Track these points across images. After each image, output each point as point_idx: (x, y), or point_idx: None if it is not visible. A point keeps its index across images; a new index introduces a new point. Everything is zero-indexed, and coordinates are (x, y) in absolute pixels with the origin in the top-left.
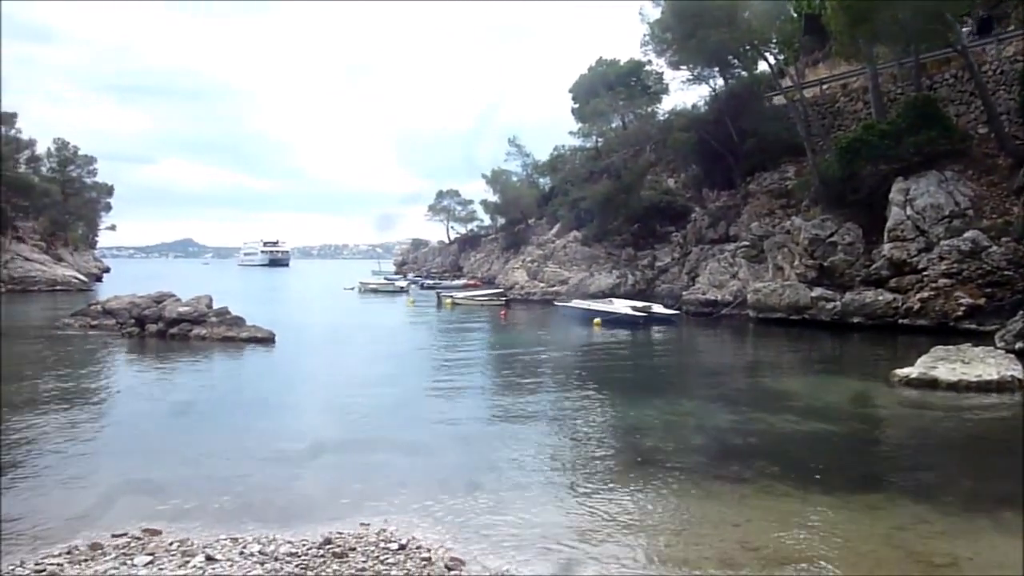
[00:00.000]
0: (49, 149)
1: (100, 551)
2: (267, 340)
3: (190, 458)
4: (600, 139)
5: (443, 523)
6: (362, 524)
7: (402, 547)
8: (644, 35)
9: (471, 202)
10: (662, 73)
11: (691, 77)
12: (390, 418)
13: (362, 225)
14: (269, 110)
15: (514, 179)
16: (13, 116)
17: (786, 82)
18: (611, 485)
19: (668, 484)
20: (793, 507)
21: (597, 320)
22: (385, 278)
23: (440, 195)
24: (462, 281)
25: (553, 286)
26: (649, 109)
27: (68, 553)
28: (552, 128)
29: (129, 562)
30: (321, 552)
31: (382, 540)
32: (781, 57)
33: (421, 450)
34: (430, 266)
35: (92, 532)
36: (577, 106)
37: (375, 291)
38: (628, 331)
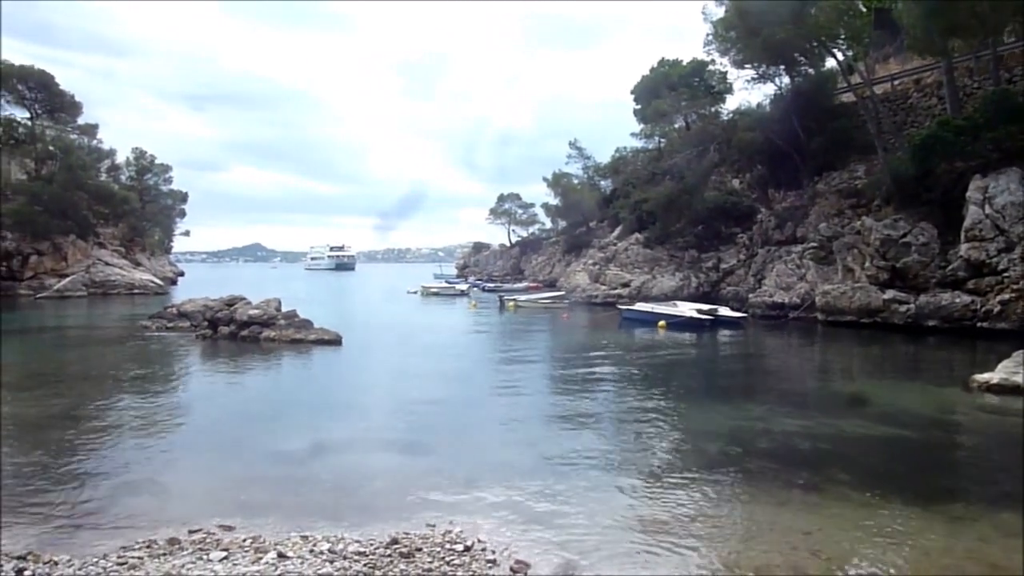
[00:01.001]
0: (128, 158)
1: (178, 545)
2: (334, 342)
3: (261, 457)
4: (662, 140)
5: (508, 525)
6: (428, 525)
7: (467, 548)
8: (707, 34)
9: (532, 205)
10: (726, 72)
11: (756, 76)
12: (455, 419)
13: (424, 229)
14: (334, 116)
15: (575, 182)
16: (95, 127)
17: (855, 79)
18: (677, 490)
19: (736, 489)
20: (867, 516)
21: (662, 323)
22: (446, 281)
23: (501, 199)
24: (523, 284)
25: (615, 289)
26: (712, 109)
27: (148, 547)
28: (613, 130)
29: (205, 557)
30: (388, 552)
31: (448, 541)
32: (850, 53)
33: (486, 451)
34: (491, 269)
35: (169, 527)
36: (639, 107)
37: (436, 294)
38: (693, 334)
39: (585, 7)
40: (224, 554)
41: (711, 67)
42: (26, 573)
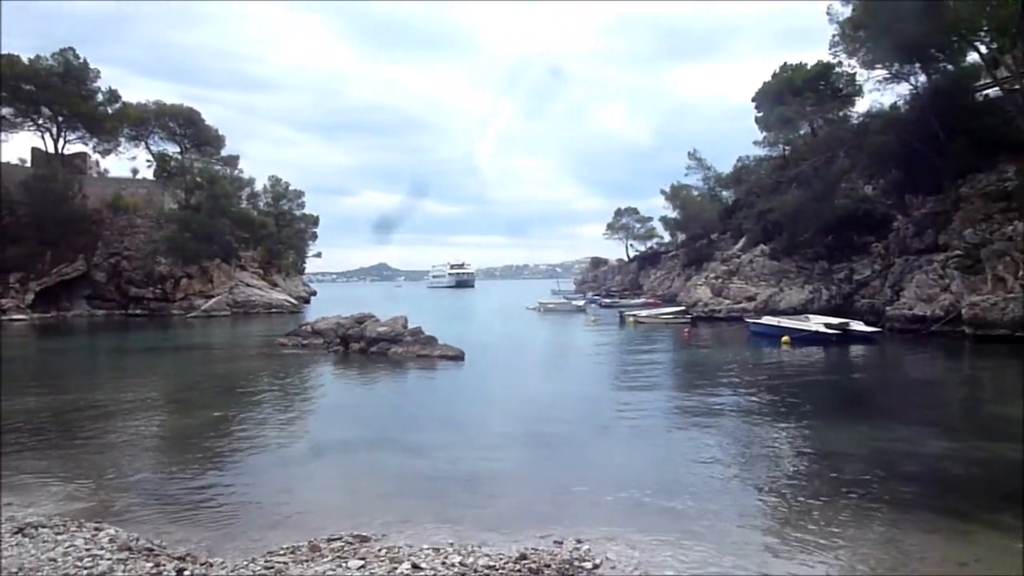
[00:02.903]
0: (265, 185)
1: (319, 552)
2: (457, 357)
3: (392, 469)
4: (787, 147)
5: (636, 545)
6: (556, 541)
7: (596, 567)
8: (833, 35)
9: (650, 219)
10: (854, 74)
11: (888, 76)
12: (578, 436)
13: (542, 246)
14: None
15: (695, 193)
16: (236, 158)
17: (1001, 72)
18: (813, 513)
19: (878, 515)
20: None
21: (786, 338)
22: (564, 297)
23: (618, 213)
24: (642, 299)
25: (739, 303)
26: (841, 113)
27: (291, 552)
28: (734, 140)
29: (344, 565)
30: (517, 567)
31: (576, 559)
32: (994, 46)
33: (611, 468)
34: (609, 284)
35: (308, 534)
36: (761, 115)
37: (553, 310)
38: (821, 349)
39: (702, 17)
40: (361, 563)
41: (838, 69)
42: (185, 572)
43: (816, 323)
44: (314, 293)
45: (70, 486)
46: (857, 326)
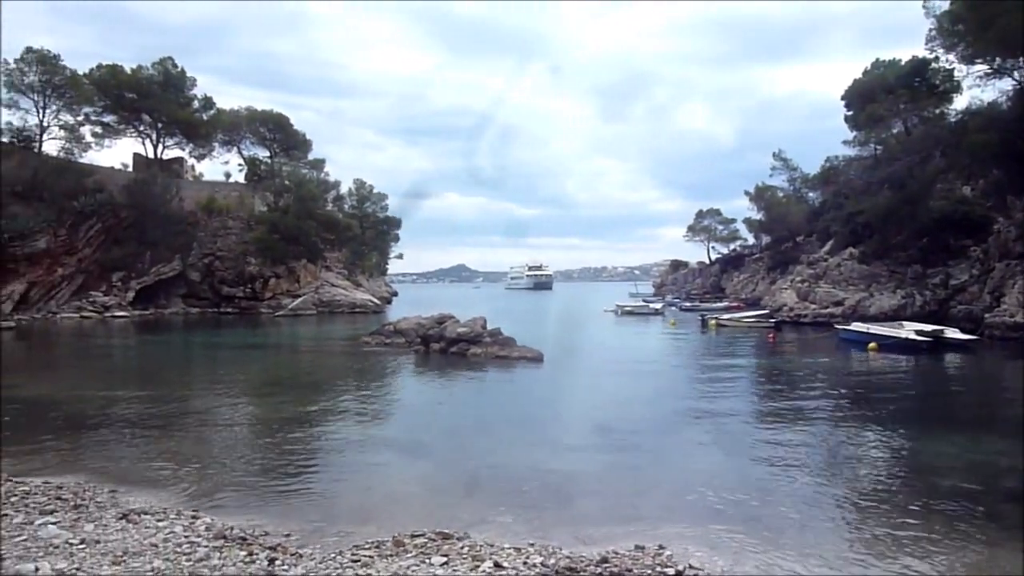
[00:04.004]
0: (350, 188)
1: (402, 548)
2: (536, 359)
3: (473, 468)
4: (879, 147)
5: (720, 552)
6: (637, 546)
7: (679, 574)
8: (930, 30)
9: (733, 221)
10: (952, 69)
11: (989, 71)
12: (658, 440)
13: (621, 248)
14: (532, 141)
15: (780, 195)
16: (322, 162)
17: None
18: (904, 527)
19: (976, 533)
20: None
21: (873, 344)
22: (643, 300)
23: (700, 215)
24: (724, 303)
25: (826, 307)
26: (937, 110)
27: (376, 547)
28: (821, 140)
29: (427, 561)
30: (599, 570)
31: (658, 564)
32: None
33: (692, 474)
34: (689, 288)
35: (391, 529)
36: (851, 113)
37: (631, 313)
38: (912, 358)
39: (788, 16)
40: (444, 559)
41: (934, 65)
42: (277, 562)
43: (908, 330)
44: (395, 294)
45: (168, 475)
46: (952, 333)
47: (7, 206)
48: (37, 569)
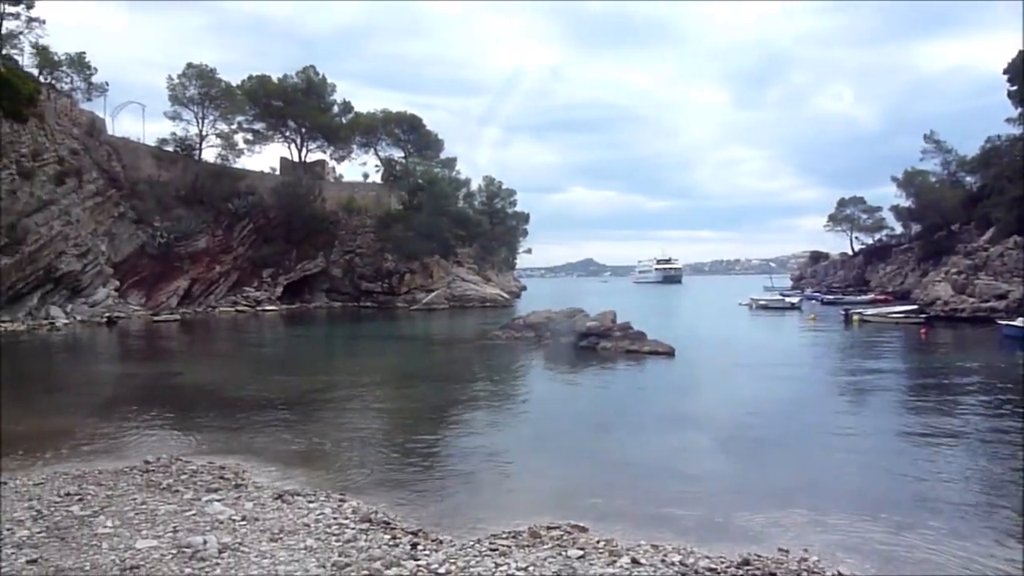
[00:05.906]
0: (480, 185)
1: (539, 539)
2: (667, 354)
3: (605, 462)
4: None
5: (869, 559)
6: (780, 549)
7: None
8: None
9: (879, 209)
10: None
11: None
12: (797, 442)
13: (755, 240)
14: (662, 132)
15: (932, 180)
16: (453, 160)
17: None
18: None
19: None
20: None
21: None
22: (780, 294)
23: (842, 203)
24: (868, 296)
25: (986, 301)
26: None
27: (514, 537)
28: (978, 119)
29: (564, 553)
30: (740, 572)
31: (804, 569)
32: None
33: (835, 477)
34: (830, 280)
35: (525, 519)
36: (1015, 88)
37: (766, 307)
38: None
39: None
40: (581, 552)
41: None
42: (419, 547)
43: None
44: (524, 288)
45: (316, 458)
46: None
47: (173, 209)
48: (205, 542)
